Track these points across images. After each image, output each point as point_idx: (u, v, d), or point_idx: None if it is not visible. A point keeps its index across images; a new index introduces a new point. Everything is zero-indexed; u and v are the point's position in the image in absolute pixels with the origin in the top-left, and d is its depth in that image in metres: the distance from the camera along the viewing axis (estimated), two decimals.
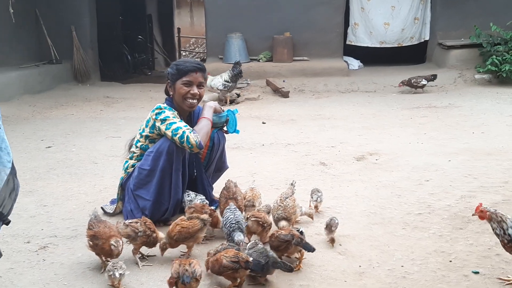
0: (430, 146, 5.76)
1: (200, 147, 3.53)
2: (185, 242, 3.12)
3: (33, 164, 5.43)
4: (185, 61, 3.77)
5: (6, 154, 2.16)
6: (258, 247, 2.81)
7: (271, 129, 7.01)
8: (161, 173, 3.55)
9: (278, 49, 11.22)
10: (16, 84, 9.52)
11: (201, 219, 3.12)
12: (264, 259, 2.73)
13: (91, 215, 3.14)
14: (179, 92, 3.67)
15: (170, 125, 3.52)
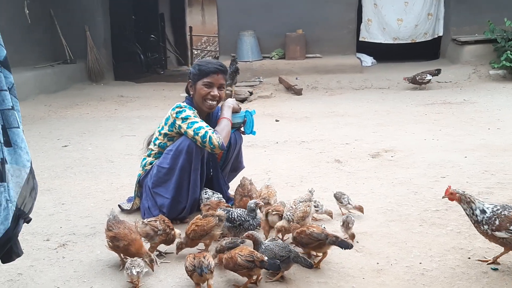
0: (445, 143, 5.71)
1: (222, 148, 3.55)
2: (202, 240, 3.13)
3: (50, 163, 5.50)
4: (208, 62, 3.76)
5: (26, 154, 2.20)
6: (279, 241, 2.82)
7: (285, 126, 7.01)
8: (180, 171, 3.58)
9: (291, 47, 11.21)
10: (31, 84, 9.65)
11: (216, 216, 3.14)
12: (286, 253, 2.74)
13: (109, 216, 3.16)
14: (199, 93, 3.69)
15: (192, 124, 3.54)
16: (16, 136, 2.17)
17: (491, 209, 2.83)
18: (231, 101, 3.89)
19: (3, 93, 2.14)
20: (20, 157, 2.18)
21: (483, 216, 2.81)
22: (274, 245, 2.81)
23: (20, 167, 2.18)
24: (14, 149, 2.16)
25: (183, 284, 2.86)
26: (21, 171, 2.19)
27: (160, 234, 3.11)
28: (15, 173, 2.15)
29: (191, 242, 3.13)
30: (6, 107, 2.15)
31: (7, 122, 2.14)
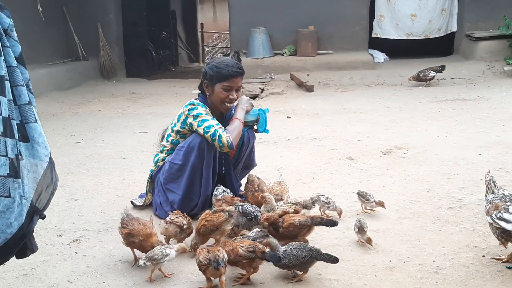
0: (459, 140, 5.65)
1: (231, 148, 3.53)
2: (212, 235, 3.13)
3: (63, 159, 5.54)
4: (227, 65, 3.65)
5: (44, 148, 2.21)
6: (296, 244, 2.77)
7: (296, 123, 6.99)
8: (192, 168, 3.58)
9: (302, 43, 11.16)
10: (45, 80, 9.73)
11: (226, 211, 3.14)
12: (308, 253, 2.70)
13: (123, 214, 3.17)
14: (218, 96, 3.67)
15: (202, 122, 3.54)
16: (34, 131, 2.19)
17: (491, 198, 3.01)
18: (245, 101, 3.83)
19: (20, 88, 2.16)
20: (37, 152, 2.20)
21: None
22: (292, 248, 2.75)
23: (36, 162, 2.19)
24: (31, 144, 2.18)
25: (194, 280, 2.87)
26: (37, 166, 2.21)
27: (186, 228, 3.16)
28: (32, 169, 2.17)
29: (202, 238, 3.13)
30: (23, 102, 2.16)
31: (24, 117, 2.16)
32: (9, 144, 2.05)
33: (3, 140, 2.03)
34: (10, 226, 2.08)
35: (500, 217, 2.84)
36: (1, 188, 2.02)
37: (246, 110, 3.77)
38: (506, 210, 2.84)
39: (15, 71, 2.14)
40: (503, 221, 2.82)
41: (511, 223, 2.79)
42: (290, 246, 2.78)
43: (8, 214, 2.07)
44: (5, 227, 2.07)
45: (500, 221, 2.82)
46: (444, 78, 9.92)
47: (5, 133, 2.04)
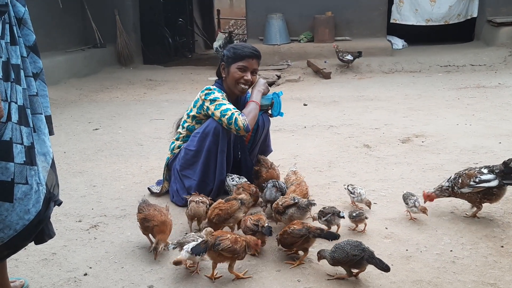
0: (479, 128, 5.56)
1: (247, 130, 3.55)
2: (225, 223, 3.15)
3: (82, 145, 5.61)
4: (243, 46, 3.76)
5: (48, 140, 2.26)
6: (352, 240, 2.66)
7: (313, 111, 6.95)
8: (206, 153, 3.61)
9: (320, 29, 11.05)
10: (63, 68, 9.83)
11: (239, 199, 3.17)
12: (359, 252, 2.57)
13: (140, 201, 3.21)
14: (233, 76, 3.70)
15: (220, 106, 3.56)
16: (40, 122, 2.22)
17: (449, 180, 3.35)
18: (262, 83, 3.84)
19: (29, 79, 2.18)
20: (44, 143, 2.24)
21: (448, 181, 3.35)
22: (345, 243, 2.64)
23: (44, 151, 2.23)
24: (38, 135, 2.21)
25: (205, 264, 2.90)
26: (45, 156, 2.25)
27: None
28: (40, 159, 2.21)
29: (214, 226, 3.12)
30: (32, 93, 2.19)
31: (32, 108, 2.19)
32: (24, 133, 2.09)
33: (19, 128, 2.06)
34: (28, 212, 2.12)
35: (480, 181, 3.19)
36: (18, 175, 2.06)
37: (263, 93, 3.78)
38: (481, 173, 3.23)
39: (25, 61, 2.16)
40: (484, 182, 3.19)
41: (492, 180, 3.18)
42: (346, 241, 2.66)
43: (26, 200, 2.11)
44: (23, 213, 2.11)
45: (482, 183, 3.19)
46: (464, 65, 9.75)
47: (20, 122, 2.07)
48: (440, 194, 3.38)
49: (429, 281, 2.64)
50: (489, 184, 3.18)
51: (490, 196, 3.23)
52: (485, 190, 3.20)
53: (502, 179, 3.19)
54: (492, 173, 3.21)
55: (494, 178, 3.19)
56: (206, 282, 2.74)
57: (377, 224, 3.32)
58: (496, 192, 3.22)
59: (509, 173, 3.18)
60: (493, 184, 3.18)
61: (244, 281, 2.73)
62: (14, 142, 2.04)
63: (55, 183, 2.35)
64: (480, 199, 3.25)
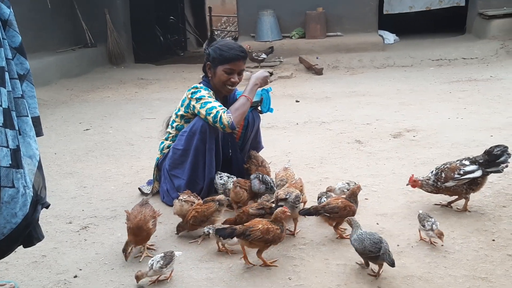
0: (470, 121, 5.57)
1: (232, 128, 3.50)
2: (203, 225, 3.13)
3: (73, 146, 5.57)
4: (230, 48, 3.63)
5: (34, 142, 2.22)
6: (375, 235, 2.65)
7: (305, 107, 6.94)
8: (194, 152, 3.58)
9: (311, 25, 11.03)
10: (53, 68, 9.75)
11: (216, 201, 3.16)
12: (376, 249, 2.56)
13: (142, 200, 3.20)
14: (219, 78, 3.66)
15: (205, 104, 3.52)
16: (25, 124, 2.19)
17: (434, 174, 3.35)
18: (261, 76, 3.70)
19: (14, 81, 2.15)
20: (30, 145, 2.21)
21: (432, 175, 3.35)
22: (366, 236, 2.63)
23: (30, 154, 2.21)
24: (23, 138, 2.18)
25: (201, 267, 2.88)
26: (32, 159, 2.22)
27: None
28: (27, 161, 2.18)
29: (191, 227, 3.16)
30: (17, 95, 2.16)
31: (17, 111, 2.16)
32: (9, 135, 2.05)
33: (4, 131, 2.03)
34: (15, 216, 2.10)
35: (464, 172, 3.24)
36: (4, 179, 2.03)
37: (257, 87, 3.70)
38: (463, 165, 3.28)
39: (11, 63, 2.13)
40: (469, 173, 3.24)
41: (476, 170, 3.24)
42: (367, 234, 2.65)
43: (13, 204, 2.08)
44: (10, 217, 2.09)
45: (467, 174, 3.23)
46: (456, 58, 9.76)
47: (5, 125, 2.04)
48: (425, 185, 3.39)
49: (420, 276, 2.64)
50: (474, 175, 3.25)
51: (474, 186, 3.30)
52: (470, 181, 3.26)
53: (485, 168, 3.25)
54: (475, 163, 3.28)
55: (478, 169, 3.25)
56: (196, 282, 2.72)
57: (368, 220, 3.31)
58: (480, 181, 3.30)
59: (494, 161, 3.24)
60: (477, 175, 3.25)
61: (235, 279, 2.72)
62: (0, 145, 2.02)
63: (42, 185, 2.32)
64: (466, 190, 3.30)
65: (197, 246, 3.12)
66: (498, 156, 3.23)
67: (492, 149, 3.26)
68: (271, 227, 2.74)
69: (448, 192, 3.35)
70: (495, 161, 3.24)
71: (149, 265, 2.65)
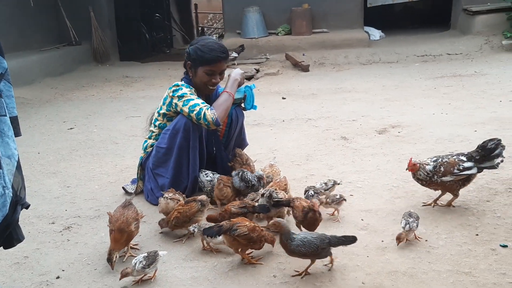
0: (455, 117, 5.61)
1: (216, 124, 3.47)
2: (186, 226, 3.11)
3: (56, 145, 5.50)
4: (211, 49, 3.55)
5: (13, 142, 2.18)
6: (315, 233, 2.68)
7: (291, 104, 6.93)
8: (178, 150, 3.55)
9: (297, 22, 11.02)
10: (37, 67, 9.62)
11: (198, 201, 3.13)
12: (326, 244, 2.59)
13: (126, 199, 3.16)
14: (201, 79, 3.63)
15: (187, 101, 3.48)
16: (3, 124, 2.14)
17: (433, 161, 3.31)
18: (239, 73, 3.72)
19: None
20: (8, 145, 2.16)
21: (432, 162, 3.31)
22: (311, 236, 2.61)
23: (9, 154, 2.16)
24: (1, 137, 2.13)
25: (186, 266, 2.86)
26: (10, 159, 2.17)
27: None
28: (5, 161, 2.13)
29: (173, 227, 3.14)
30: None
31: None
32: None
33: None
34: None
35: (463, 168, 3.22)
36: None
37: (239, 83, 3.69)
38: (462, 161, 3.25)
39: None
40: (467, 170, 3.22)
41: (473, 167, 3.23)
42: (309, 234, 2.66)
43: None
44: None
45: (465, 171, 3.22)
46: (441, 54, 9.83)
47: None
48: (422, 169, 3.28)
49: (405, 272, 2.64)
50: (471, 171, 3.22)
51: (467, 182, 3.30)
52: (466, 177, 3.25)
53: (479, 164, 3.23)
54: (471, 160, 3.25)
55: (474, 166, 3.23)
56: (180, 281, 2.70)
57: (353, 216, 3.32)
58: (472, 178, 3.30)
59: (488, 155, 3.20)
60: (474, 171, 3.23)
61: (220, 278, 2.70)
62: None
63: (21, 186, 2.28)
64: (460, 187, 3.30)
65: (182, 245, 3.10)
66: (492, 150, 3.18)
67: (486, 143, 3.22)
68: (257, 227, 2.76)
69: (441, 187, 3.31)
70: (490, 155, 3.19)
71: (132, 265, 2.62)
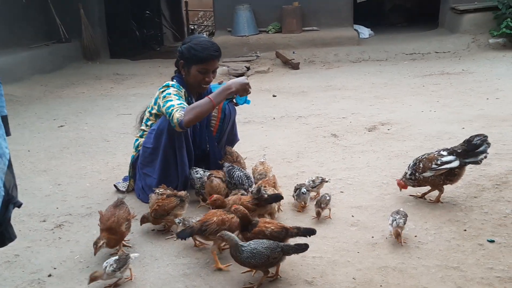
0: (443, 114, 5.67)
1: (181, 127, 3.33)
2: (164, 219, 3.16)
3: (47, 143, 5.48)
4: (204, 48, 3.55)
5: (4, 141, 2.17)
6: (265, 241, 2.55)
7: (282, 102, 6.96)
8: (163, 151, 3.53)
9: (287, 20, 11.04)
10: (27, 64, 9.55)
11: (178, 196, 3.17)
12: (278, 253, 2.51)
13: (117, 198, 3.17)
14: (194, 78, 3.63)
15: (166, 102, 3.45)
16: None
17: (411, 167, 3.38)
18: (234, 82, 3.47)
19: None
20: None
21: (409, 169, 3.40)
22: (261, 247, 2.49)
23: (0, 154, 2.16)
24: None
25: (178, 262, 2.88)
26: (2, 158, 2.17)
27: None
28: None
29: (153, 221, 3.17)
30: None
31: None
32: None
33: None
34: None
35: (442, 162, 3.27)
36: None
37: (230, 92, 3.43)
38: (441, 155, 3.31)
39: None
40: (446, 164, 3.27)
41: (453, 161, 3.26)
42: (260, 244, 2.53)
43: None
44: None
45: (444, 165, 3.26)
46: (429, 52, 9.93)
47: None
48: (406, 181, 3.44)
49: (394, 267, 2.69)
50: (451, 165, 3.27)
51: (452, 177, 3.32)
52: (447, 171, 3.28)
53: (463, 158, 3.27)
54: (452, 154, 3.30)
55: (455, 159, 3.27)
56: (173, 278, 2.72)
57: (344, 212, 3.36)
58: (457, 172, 3.32)
59: (473, 150, 3.25)
60: (454, 165, 3.26)
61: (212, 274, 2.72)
62: None
63: (13, 184, 2.27)
64: (443, 181, 3.33)
65: (174, 242, 3.11)
66: (477, 146, 3.24)
67: (472, 138, 3.27)
68: (226, 217, 2.75)
69: (427, 183, 3.37)
70: (474, 150, 3.25)
71: (103, 268, 2.58)
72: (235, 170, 3.50)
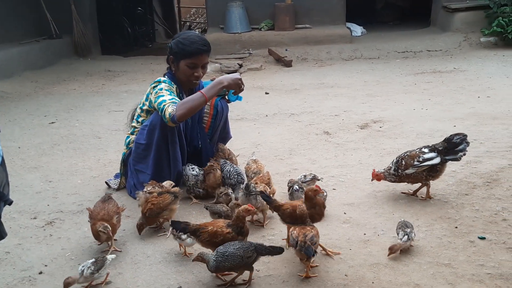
0: (435, 112, 5.70)
1: (173, 121, 3.31)
2: (159, 217, 3.14)
3: (37, 140, 5.44)
4: (192, 42, 3.54)
5: None
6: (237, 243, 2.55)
7: (274, 99, 6.96)
8: (156, 147, 3.51)
9: (280, 17, 11.02)
10: (17, 60, 9.45)
11: (172, 193, 3.16)
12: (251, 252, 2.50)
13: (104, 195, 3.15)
14: (183, 73, 3.61)
15: (158, 98, 3.43)
16: None
17: (394, 163, 3.45)
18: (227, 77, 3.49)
19: None
20: None
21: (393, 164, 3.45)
22: (235, 248, 2.49)
23: None
24: None
25: (170, 260, 2.87)
26: None
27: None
28: None
29: (148, 220, 3.13)
30: None
31: None
32: None
33: None
34: None
35: (424, 159, 3.34)
36: None
37: (220, 88, 3.43)
38: (423, 153, 3.38)
39: None
40: (428, 160, 3.34)
41: (435, 158, 3.35)
42: (232, 246, 2.52)
43: None
44: None
45: (426, 162, 3.34)
46: (421, 50, 9.97)
47: None
48: (388, 176, 3.48)
49: (386, 264, 2.70)
50: (433, 162, 3.35)
51: (434, 173, 3.40)
52: (429, 168, 3.36)
53: (444, 156, 3.36)
54: (434, 151, 3.39)
55: (436, 156, 3.36)
56: (165, 275, 2.71)
57: (336, 210, 3.36)
58: (439, 169, 3.40)
59: (453, 148, 3.35)
60: (436, 162, 3.35)
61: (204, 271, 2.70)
62: None
63: (5, 182, 2.25)
64: (426, 177, 3.40)
65: (166, 239, 3.10)
66: (457, 144, 3.34)
67: (452, 137, 3.36)
68: (219, 231, 2.65)
69: (409, 179, 3.44)
70: (454, 149, 3.34)
71: (80, 271, 2.55)
72: (226, 165, 3.53)
